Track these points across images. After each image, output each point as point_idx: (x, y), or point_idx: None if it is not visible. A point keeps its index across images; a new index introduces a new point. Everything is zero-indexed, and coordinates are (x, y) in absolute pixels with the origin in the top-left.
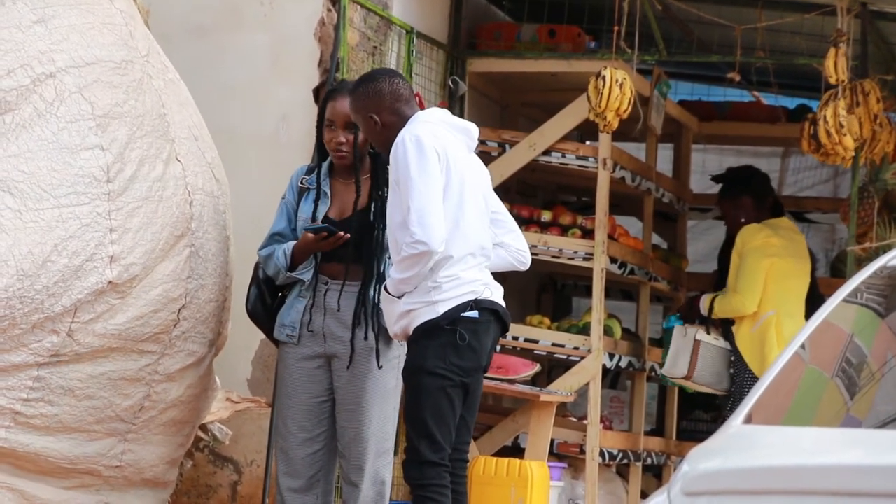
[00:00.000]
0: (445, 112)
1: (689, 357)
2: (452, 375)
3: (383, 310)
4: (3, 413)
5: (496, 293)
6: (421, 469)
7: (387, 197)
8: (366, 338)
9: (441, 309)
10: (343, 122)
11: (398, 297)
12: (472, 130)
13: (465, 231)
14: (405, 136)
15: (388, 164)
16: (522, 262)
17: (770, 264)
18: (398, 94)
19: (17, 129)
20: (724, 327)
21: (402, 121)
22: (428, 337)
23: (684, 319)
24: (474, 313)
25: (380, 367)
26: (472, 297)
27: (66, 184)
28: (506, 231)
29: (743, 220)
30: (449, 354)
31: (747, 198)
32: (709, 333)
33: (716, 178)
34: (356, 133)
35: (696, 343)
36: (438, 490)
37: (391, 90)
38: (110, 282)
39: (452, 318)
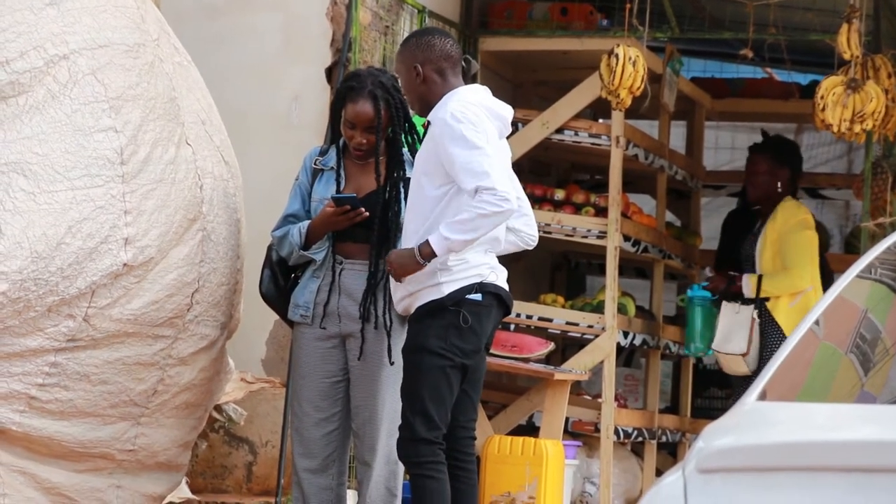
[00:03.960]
0: (486, 92)
1: (747, 334)
2: (452, 356)
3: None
4: (19, 398)
5: (501, 276)
6: (416, 446)
7: (403, 178)
8: (375, 326)
9: (446, 290)
10: (363, 125)
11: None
12: (507, 117)
13: None
14: (454, 112)
15: (402, 147)
16: (530, 244)
17: (812, 239)
18: (448, 53)
19: (30, 111)
20: (759, 305)
21: (444, 85)
22: (431, 316)
23: (714, 294)
24: (478, 296)
25: (391, 364)
26: (477, 279)
27: (79, 166)
28: (519, 215)
29: (780, 190)
30: (451, 335)
31: (788, 170)
32: None
33: (762, 143)
34: (377, 135)
35: (753, 321)
36: (434, 467)
37: (442, 47)
38: (125, 264)
39: (457, 299)
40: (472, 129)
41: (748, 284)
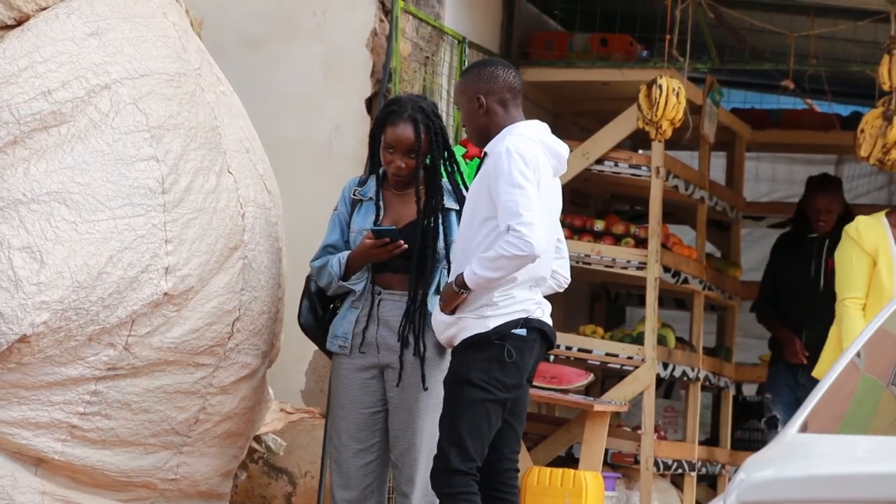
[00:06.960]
0: (544, 129)
1: None
2: (494, 390)
3: (433, 319)
4: (61, 427)
5: (545, 312)
6: (449, 477)
7: (442, 208)
8: (414, 353)
9: (491, 324)
10: (404, 149)
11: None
12: (563, 155)
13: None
14: (509, 147)
15: (441, 175)
16: (563, 286)
17: None
18: (511, 85)
19: (72, 141)
20: None
21: (505, 117)
22: (475, 349)
23: None
24: (523, 331)
25: (425, 389)
26: (523, 314)
27: (121, 195)
28: (557, 257)
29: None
30: (493, 369)
31: None
32: None
33: (829, 182)
34: (417, 159)
35: None
36: (467, 498)
37: (505, 78)
38: (166, 293)
39: (502, 333)
40: (522, 167)
41: None
